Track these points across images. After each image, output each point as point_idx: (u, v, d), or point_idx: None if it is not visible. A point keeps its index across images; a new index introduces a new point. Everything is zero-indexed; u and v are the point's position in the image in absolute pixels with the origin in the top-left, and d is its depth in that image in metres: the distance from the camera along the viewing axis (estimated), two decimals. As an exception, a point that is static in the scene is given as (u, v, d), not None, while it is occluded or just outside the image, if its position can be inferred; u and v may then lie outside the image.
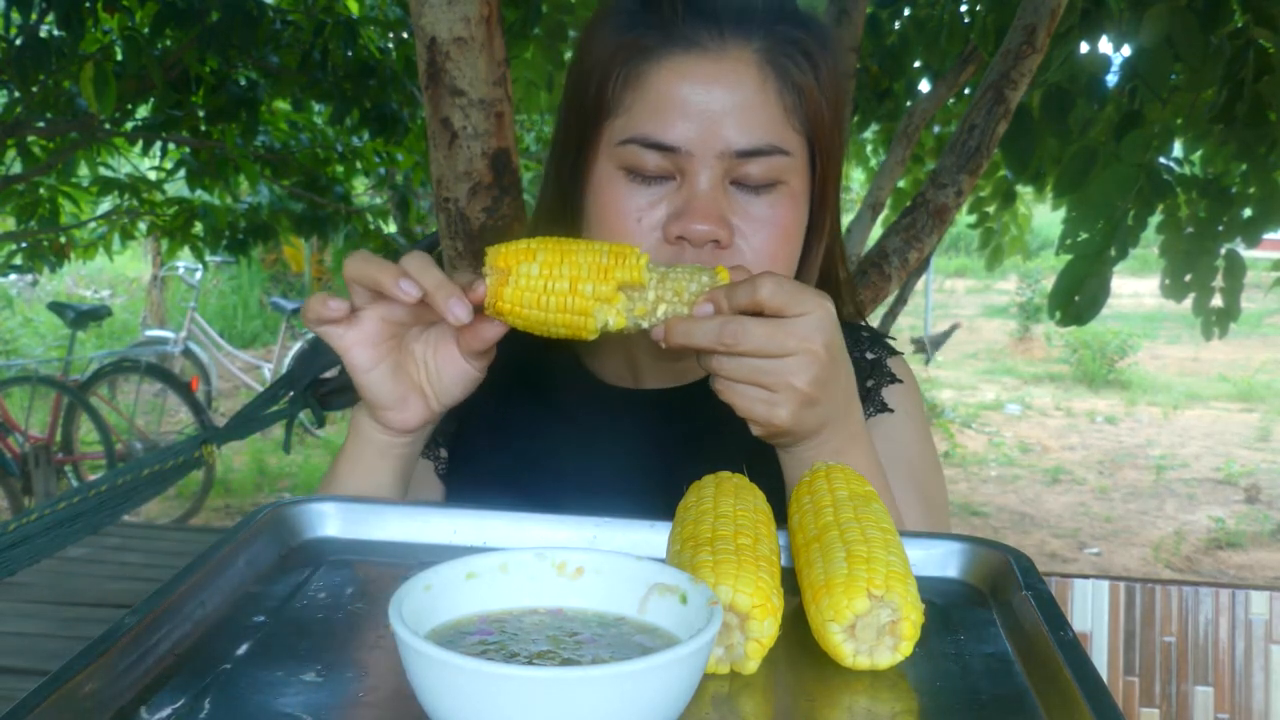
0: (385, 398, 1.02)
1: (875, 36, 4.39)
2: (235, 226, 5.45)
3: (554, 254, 0.94)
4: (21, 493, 6.07)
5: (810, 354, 0.92)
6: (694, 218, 1.05)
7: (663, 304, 0.95)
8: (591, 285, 0.93)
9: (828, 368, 0.93)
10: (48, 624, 3.77)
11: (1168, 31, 2.54)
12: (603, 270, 0.94)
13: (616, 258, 0.94)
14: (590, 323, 0.94)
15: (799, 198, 1.11)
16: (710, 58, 1.06)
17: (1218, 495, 8.02)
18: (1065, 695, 0.68)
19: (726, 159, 1.06)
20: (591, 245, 0.96)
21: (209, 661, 0.72)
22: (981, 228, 5.10)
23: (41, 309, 10.77)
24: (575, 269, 0.93)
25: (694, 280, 0.95)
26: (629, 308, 0.95)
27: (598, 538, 0.93)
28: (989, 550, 0.91)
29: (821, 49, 1.11)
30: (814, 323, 0.92)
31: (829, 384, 0.94)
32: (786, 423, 0.94)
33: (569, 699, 0.56)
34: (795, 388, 0.92)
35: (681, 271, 0.96)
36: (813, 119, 1.10)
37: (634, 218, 1.08)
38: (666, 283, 0.95)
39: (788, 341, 0.91)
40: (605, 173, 1.10)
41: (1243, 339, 13.52)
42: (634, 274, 0.94)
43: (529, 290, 0.93)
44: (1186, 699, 1.81)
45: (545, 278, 0.93)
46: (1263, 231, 3.44)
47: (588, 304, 0.94)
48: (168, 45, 4.09)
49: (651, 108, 1.07)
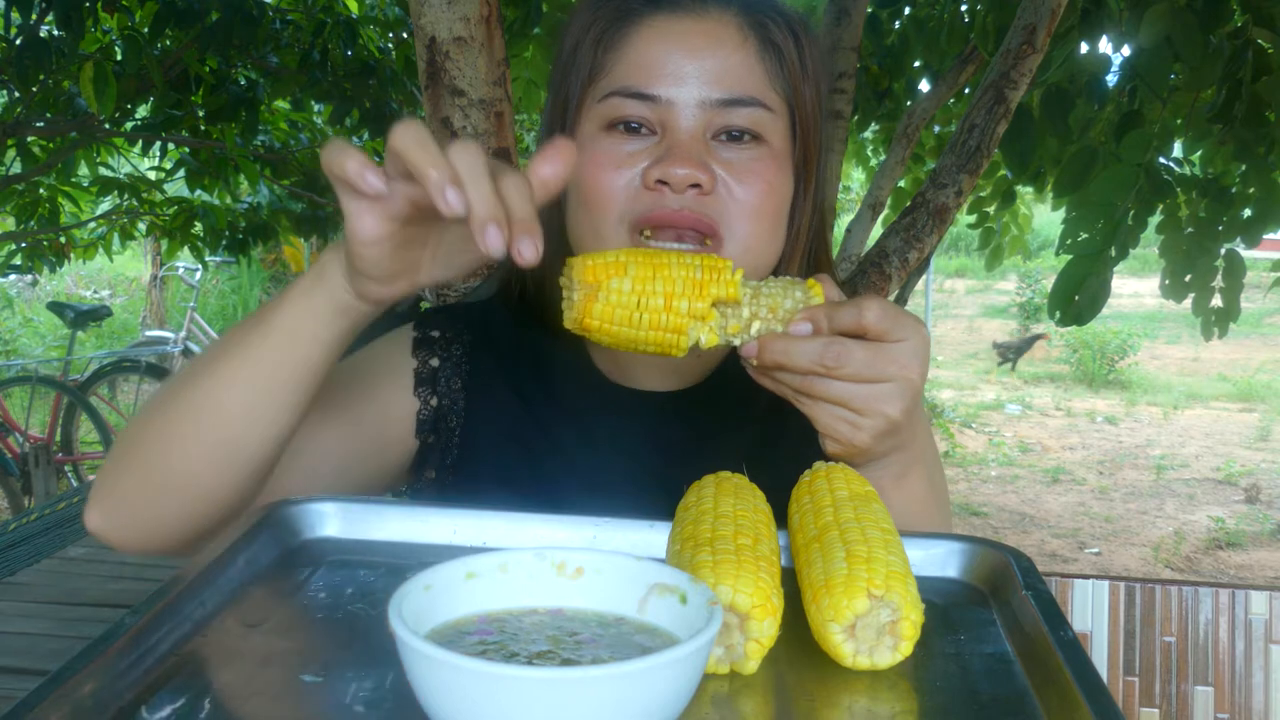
0: (379, 270, 0.87)
1: (875, 36, 4.39)
2: (235, 226, 5.45)
3: (646, 268, 0.89)
4: (21, 493, 6.08)
5: (907, 382, 0.90)
6: (674, 162, 1.03)
7: (757, 320, 0.91)
8: (687, 302, 0.89)
9: (919, 397, 0.92)
10: (48, 624, 3.76)
11: (1167, 31, 2.55)
12: (697, 285, 0.89)
13: (711, 272, 0.90)
14: (683, 340, 0.90)
15: (781, 159, 1.10)
16: (691, 17, 1.07)
17: (1218, 495, 8.02)
18: (1065, 695, 0.68)
19: (708, 108, 1.05)
20: (682, 258, 0.90)
21: (209, 661, 0.71)
22: (981, 228, 5.10)
23: (41, 309, 10.77)
24: (669, 284, 0.88)
25: (788, 296, 0.91)
26: (722, 325, 0.91)
27: (598, 538, 0.93)
28: (989, 550, 0.91)
29: (802, 25, 1.12)
30: (912, 350, 0.90)
31: (914, 411, 0.93)
32: (866, 445, 0.93)
33: (569, 699, 0.56)
34: (886, 415, 0.91)
35: (775, 286, 0.92)
36: (793, 84, 1.10)
37: (613, 167, 1.06)
38: (760, 299, 0.91)
39: (888, 368, 0.90)
40: (588, 133, 1.09)
41: (1243, 339, 13.53)
42: (729, 289, 0.90)
43: (621, 307, 0.88)
44: (1186, 699, 1.81)
45: (639, 293, 0.88)
46: (1263, 231, 3.44)
47: (683, 321, 0.89)
48: (168, 45, 4.10)
49: (633, 64, 1.07)
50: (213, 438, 0.94)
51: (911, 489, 1.02)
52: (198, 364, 0.98)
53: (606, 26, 1.09)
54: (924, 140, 5.04)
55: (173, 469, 0.96)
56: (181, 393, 0.96)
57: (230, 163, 4.65)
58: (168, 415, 0.97)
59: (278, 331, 0.91)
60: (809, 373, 0.90)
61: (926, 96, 4.43)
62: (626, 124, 1.07)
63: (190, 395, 0.95)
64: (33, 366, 7.43)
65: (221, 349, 0.95)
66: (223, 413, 0.93)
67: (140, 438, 0.98)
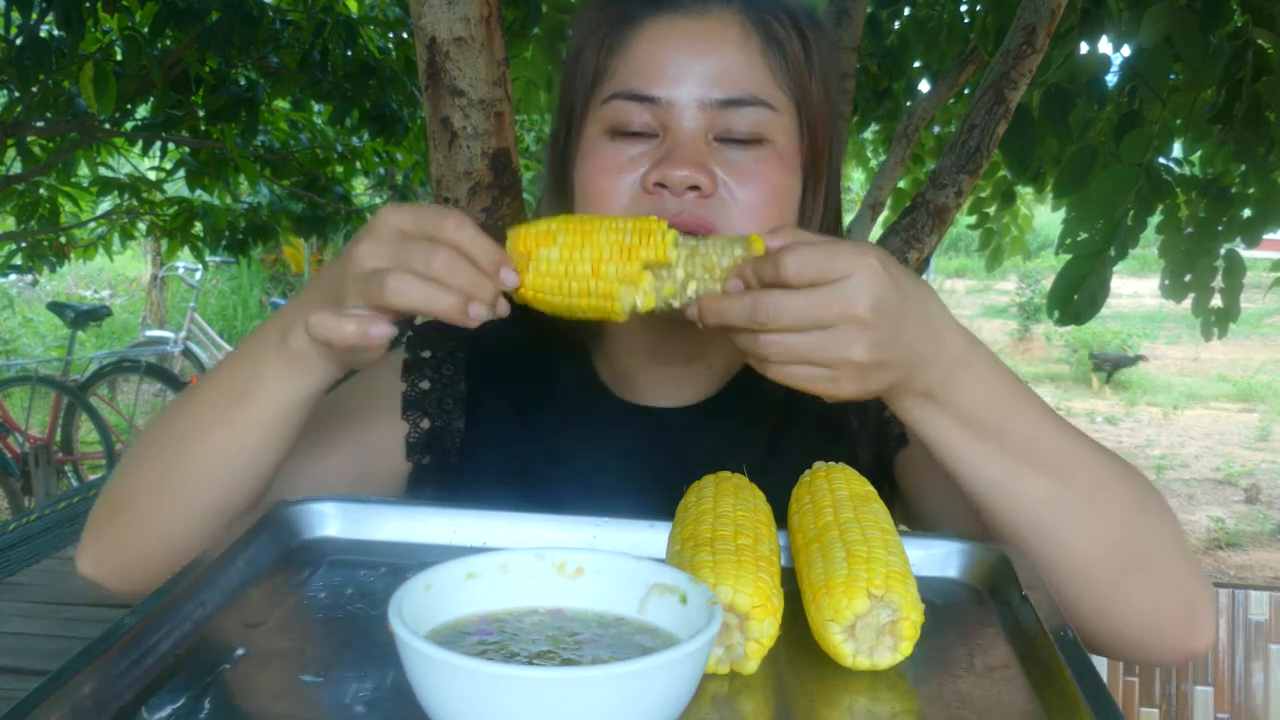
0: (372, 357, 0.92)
1: (875, 36, 4.39)
2: (235, 226, 5.45)
3: (574, 235, 0.89)
4: (21, 493, 6.07)
5: (857, 322, 0.81)
6: (672, 164, 1.01)
7: (693, 281, 0.88)
8: (615, 266, 0.88)
9: (883, 329, 0.82)
10: (48, 624, 3.76)
11: (1167, 31, 2.54)
12: (626, 250, 0.88)
13: (640, 235, 0.88)
14: (617, 305, 0.88)
15: (787, 159, 1.08)
16: (693, 17, 1.06)
17: (1218, 495, 8.02)
18: (1065, 695, 0.68)
19: (709, 109, 1.04)
20: (614, 223, 0.89)
21: (209, 661, 0.72)
22: (981, 228, 5.10)
23: (41, 309, 10.76)
24: (596, 250, 0.88)
25: (725, 254, 0.88)
26: (657, 287, 0.89)
27: (598, 538, 0.93)
28: (989, 550, 0.90)
29: (809, 21, 1.10)
30: (856, 286, 0.81)
31: (891, 344, 0.83)
32: (855, 394, 0.85)
33: (569, 699, 0.56)
34: (850, 360, 0.82)
35: (712, 245, 0.89)
36: (799, 81, 1.08)
37: (615, 171, 1.05)
38: (696, 258, 0.88)
39: (827, 312, 0.81)
40: (591, 138, 1.09)
41: (1243, 339, 13.52)
42: (658, 252, 0.87)
43: (550, 276, 0.88)
44: (1186, 699, 1.81)
45: (566, 261, 0.88)
46: (1262, 231, 3.45)
47: (612, 286, 0.88)
48: (168, 45, 4.09)
49: (634, 67, 1.06)
50: (201, 503, 0.98)
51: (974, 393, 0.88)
52: (183, 422, 0.99)
53: (609, 29, 1.09)
54: (924, 141, 5.04)
55: (158, 529, 1.00)
56: (169, 457, 0.99)
57: (230, 163, 4.65)
58: (153, 475, 1.00)
59: (259, 400, 0.93)
60: (748, 330, 0.84)
61: (926, 97, 4.43)
62: (628, 129, 1.06)
63: (179, 466, 0.98)
64: (33, 366, 7.42)
65: (205, 412, 0.97)
66: (212, 482, 0.97)
67: (128, 497, 1.02)
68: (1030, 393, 0.92)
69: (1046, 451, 0.90)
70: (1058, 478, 0.90)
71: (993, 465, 0.89)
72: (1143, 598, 0.92)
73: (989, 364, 0.89)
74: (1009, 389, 0.90)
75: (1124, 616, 0.92)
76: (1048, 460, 0.90)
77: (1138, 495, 0.93)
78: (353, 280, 0.86)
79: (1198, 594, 0.94)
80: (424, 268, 0.83)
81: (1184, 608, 0.93)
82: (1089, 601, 0.91)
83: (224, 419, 0.95)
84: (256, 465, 0.97)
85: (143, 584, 1.01)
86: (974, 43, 3.92)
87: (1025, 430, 0.90)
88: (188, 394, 1.02)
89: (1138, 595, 0.92)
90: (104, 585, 1.04)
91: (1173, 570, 0.93)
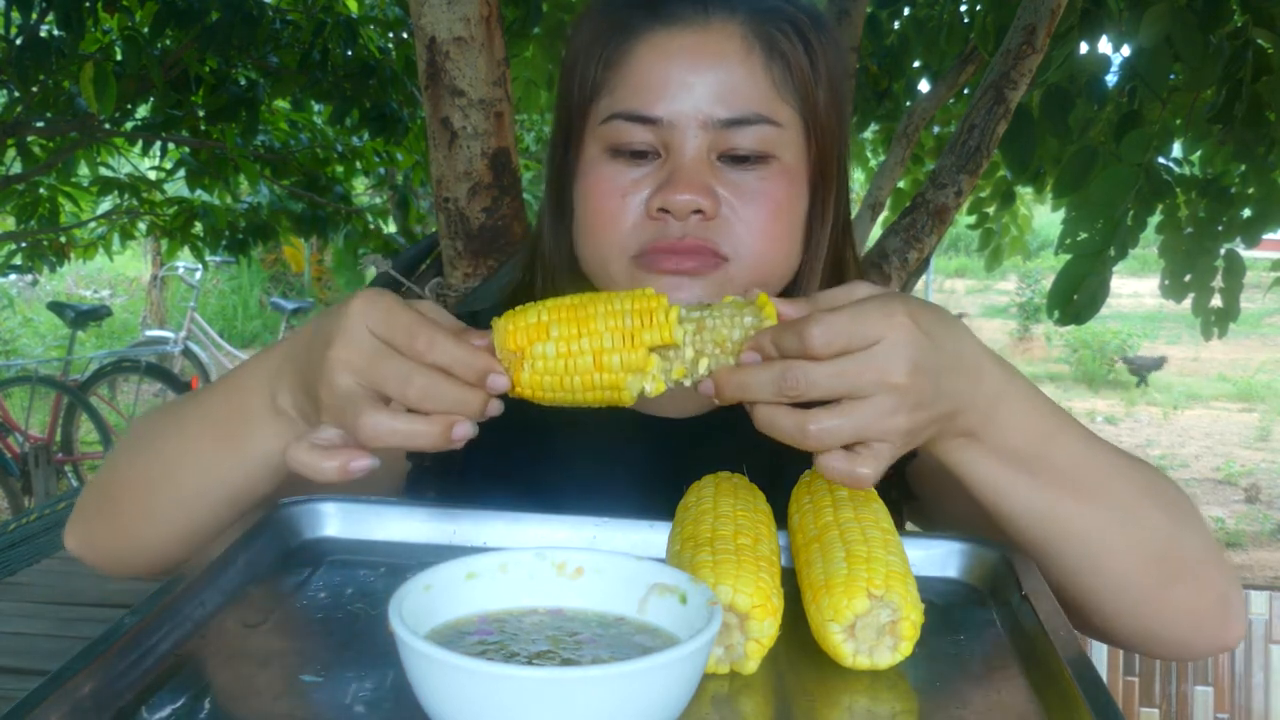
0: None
1: (875, 36, 4.39)
2: (235, 226, 5.45)
3: (569, 325, 0.81)
4: (21, 493, 6.07)
5: (896, 390, 0.75)
6: (675, 188, 1.00)
7: (704, 359, 0.82)
8: (619, 356, 0.81)
9: (925, 390, 0.77)
10: (48, 624, 3.76)
11: (1167, 31, 2.54)
12: (628, 335, 0.81)
13: (641, 317, 0.81)
14: (625, 394, 0.82)
15: (794, 174, 1.06)
16: (693, 31, 1.03)
17: (1218, 495, 8.02)
18: (1065, 695, 0.68)
19: (711, 129, 1.02)
20: (610, 304, 0.82)
21: (209, 661, 0.72)
22: (981, 228, 5.09)
23: (41, 309, 10.76)
24: (596, 338, 0.81)
25: (735, 325, 0.82)
26: (665, 369, 0.82)
27: (598, 538, 0.93)
28: (989, 550, 0.91)
29: (813, 25, 1.07)
30: (890, 350, 0.75)
31: (933, 401, 0.78)
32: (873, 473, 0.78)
33: (569, 699, 0.56)
34: (897, 429, 0.76)
35: (720, 315, 0.83)
36: (804, 92, 1.05)
37: (618, 195, 1.03)
38: (704, 333, 0.82)
39: (861, 379, 0.75)
40: (591, 156, 1.07)
41: (1243, 339, 13.52)
42: (663, 333, 0.81)
43: (549, 374, 0.81)
44: (1186, 699, 1.81)
45: (564, 355, 0.81)
46: (1262, 231, 3.44)
47: (617, 377, 0.81)
48: (168, 45, 4.09)
49: (634, 84, 1.04)
50: (183, 525, 0.97)
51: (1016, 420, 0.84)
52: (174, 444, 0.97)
53: (607, 42, 1.06)
54: (924, 141, 5.04)
55: (139, 539, 1.00)
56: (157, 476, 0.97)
57: (230, 163, 4.65)
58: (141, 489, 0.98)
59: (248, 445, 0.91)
60: (775, 403, 0.78)
61: (926, 97, 4.42)
62: (630, 149, 1.04)
63: (170, 491, 0.96)
64: (33, 366, 7.42)
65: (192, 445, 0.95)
66: (208, 503, 0.95)
67: (113, 497, 1.01)
68: (1066, 415, 0.89)
69: (1086, 476, 0.87)
70: (1099, 500, 0.88)
71: (1035, 498, 0.86)
72: (1183, 602, 0.91)
73: (1025, 392, 0.85)
74: (1047, 415, 0.87)
75: (1165, 621, 0.92)
76: (1088, 484, 0.87)
77: (1171, 504, 0.91)
78: (327, 394, 0.79)
79: (1230, 589, 0.93)
80: (399, 393, 0.77)
81: (1219, 605, 0.92)
82: (1130, 611, 0.90)
83: (214, 451, 0.93)
84: (250, 497, 0.95)
85: (127, 570, 1.04)
86: (974, 43, 3.92)
87: (1065, 457, 0.87)
88: (180, 411, 1.00)
89: (1178, 601, 0.91)
90: (90, 563, 1.05)
91: (1208, 571, 0.91)
